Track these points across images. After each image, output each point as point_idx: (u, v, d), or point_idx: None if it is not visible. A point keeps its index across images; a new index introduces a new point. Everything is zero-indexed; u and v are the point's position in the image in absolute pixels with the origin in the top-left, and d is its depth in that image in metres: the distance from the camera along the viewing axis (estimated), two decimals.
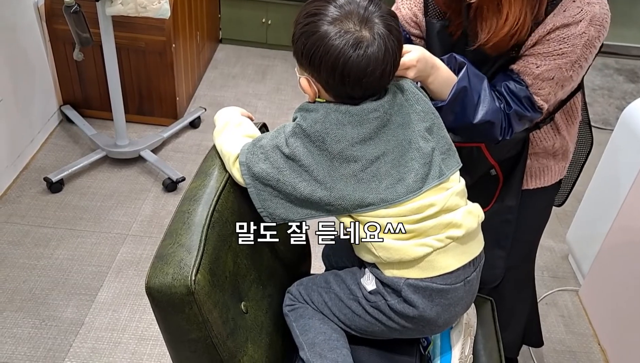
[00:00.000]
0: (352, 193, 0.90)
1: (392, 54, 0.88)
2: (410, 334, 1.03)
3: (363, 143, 0.90)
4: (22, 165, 2.35)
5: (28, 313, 1.77)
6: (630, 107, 1.86)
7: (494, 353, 1.20)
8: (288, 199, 0.93)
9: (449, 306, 0.96)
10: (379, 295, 0.96)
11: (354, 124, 0.90)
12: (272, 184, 0.92)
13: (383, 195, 0.90)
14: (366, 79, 0.87)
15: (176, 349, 0.92)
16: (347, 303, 1.00)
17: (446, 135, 0.99)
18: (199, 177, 1.00)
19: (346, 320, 1.01)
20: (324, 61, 0.86)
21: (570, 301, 2.01)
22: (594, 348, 1.85)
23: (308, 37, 0.88)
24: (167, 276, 0.82)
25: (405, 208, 0.91)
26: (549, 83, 1.05)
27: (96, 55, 2.48)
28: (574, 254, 2.12)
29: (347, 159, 0.90)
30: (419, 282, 0.93)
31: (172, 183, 2.31)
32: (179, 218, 0.91)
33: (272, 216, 0.95)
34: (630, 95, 3.36)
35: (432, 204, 0.92)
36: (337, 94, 0.91)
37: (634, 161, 1.73)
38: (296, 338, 1.03)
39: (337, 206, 0.91)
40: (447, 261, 0.93)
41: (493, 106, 1.06)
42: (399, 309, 0.95)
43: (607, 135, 1.98)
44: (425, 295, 0.93)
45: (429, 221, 0.92)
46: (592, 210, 2.01)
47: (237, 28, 3.44)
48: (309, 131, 0.90)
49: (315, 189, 0.90)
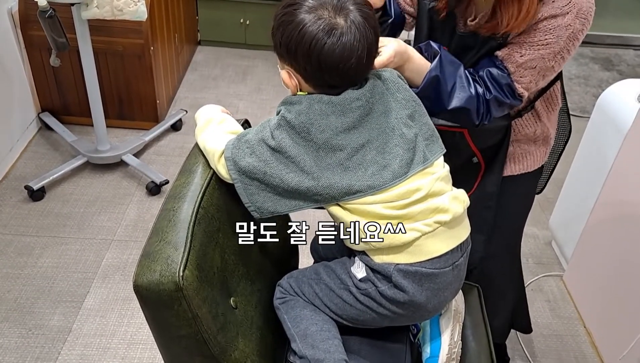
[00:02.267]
0: (339, 181, 0.91)
1: (367, 42, 0.89)
2: (401, 321, 1.04)
3: (347, 131, 0.91)
4: (2, 174, 2.32)
5: (14, 323, 1.75)
6: (605, 94, 1.89)
7: (482, 338, 1.21)
8: (275, 192, 0.93)
9: (438, 291, 0.98)
10: (369, 282, 0.97)
11: (337, 114, 0.91)
12: (259, 177, 0.92)
13: (370, 182, 0.91)
14: (342, 66, 0.88)
15: (167, 347, 0.91)
16: (338, 292, 1.01)
17: (428, 121, 1.00)
18: (183, 175, 1.00)
19: (337, 310, 1.02)
20: (299, 47, 0.88)
21: (555, 286, 2.05)
22: (580, 331, 1.88)
23: (285, 27, 0.90)
24: (154, 274, 0.82)
25: (392, 193, 0.92)
26: (531, 72, 1.07)
27: (73, 60, 2.45)
28: (557, 240, 2.16)
29: (332, 148, 0.91)
30: (409, 267, 0.94)
31: (156, 186, 2.30)
32: (164, 215, 0.91)
33: (260, 210, 0.95)
34: (606, 83, 3.42)
35: (418, 188, 0.93)
36: (316, 83, 0.93)
37: (611, 147, 1.77)
38: (288, 331, 1.04)
39: (324, 196, 0.92)
40: (435, 245, 0.95)
41: (467, 93, 1.07)
42: (390, 295, 0.96)
43: (585, 122, 2.02)
44: (415, 280, 0.95)
45: (416, 206, 0.93)
46: (572, 196, 2.04)
47: (215, 29, 3.43)
48: (294, 123, 0.91)
49: (303, 179, 0.91)
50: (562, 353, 1.80)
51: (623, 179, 1.70)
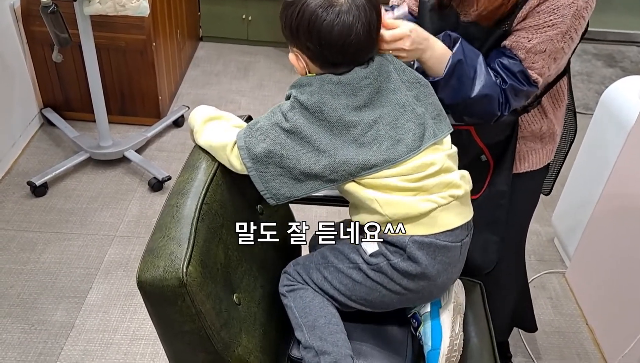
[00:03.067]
0: (355, 156, 0.92)
1: (367, 19, 0.91)
2: (409, 299, 1.04)
3: (359, 109, 0.93)
4: (4, 170, 2.32)
5: (17, 319, 1.75)
6: (608, 91, 1.89)
7: (485, 335, 1.21)
8: (291, 176, 0.94)
9: (448, 266, 0.99)
10: (381, 256, 0.98)
11: (348, 94, 0.93)
12: (275, 161, 0.93)
13: (385, 155, 0.93)
14: (342, 42, 0.90)
15: (170, 342, 0.91)
16: (347, 272, 1.01)
17: (435, 101, 1.02)
18: (187, 171, 1.00)
19: (347, 291, 1.02)
20: (300, 26, 0.91)
21: (558, 283, 2.04)
22: (582, 328, 1.88)
23: (288, 8, 0.93)
24: (158, 269, 0.82)
25: (407, 166, 0.94)
26: (542, 56, 1.06)
27: (75, 56, 2.45)
28: (560, 237, 2.16)
29: (346, 125, 0.92)
30: (424, 238, 0.96)
31: (158, 183, 2.30)
32: (167, 211, 0.91)
33: (277, 196, 0.95)
34: (609, 79, 3.41)
35: (432, 162, 0.96)
36: (322, 63, 0.94)
37: (615, 143, 1.76)
38: (294, 320, 1.04)
39: (341, 172, 0.93)
40: (449, 218, 0.97)
41: (490, 79, 1.07)
42: (402, 267, 0.97)
43: (588, 119, 2.01)
44: (429, 252, 0.96)
45: (430, 180, 0.95)
46: (575, 193, 2.04)
47: (217, 25, 3.42)
48: (307, 104, 0.92)
49: (319, 158, 0.92)
50: (564, 350, 1.80)
51: (626, 176, 1.70)
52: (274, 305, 1.11)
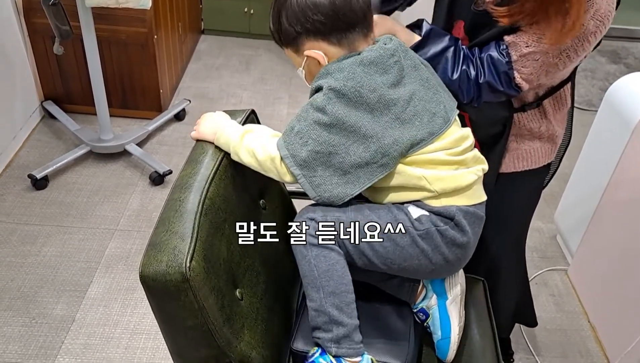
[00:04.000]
0: (401, 134, 0.93)
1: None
2: (441, 271, 1.04)
3: (394, 87, 0.94)
4: (5, 163, 2.31)
5: (17, 312, 1.75)
6: (613, 87, 1.87)
7: (487, 332, 1.21)
8: (342, 172, 0.92)
9: (477, 237, 1.03)
10: (429, 223, 0.97)
11: (380, 72, 0.94)
12: (323, 161, 0.92)
13: (429, 128, 0.95)
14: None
15: (173, 337, 0.91)
16: (392, 236, 0.95)
17: (439, 79, 1.07)
18: (190, 165, 0.99)
19: (385, 253, 0.96)
20: (305, 5, 0.92)
21: (560, 281, 2.04)
22: (584, 326, 1.87)
23: (284, 5, 0.96)
24: (161, 264, 0.81)
25: (449, 139, 0.98)
26: (533, 64, 1.05)
27: (77, 48, 2.43)
28: (562, 234, 2.15)
29: (386, 104, 0.93)
30: (469, 208, 0.99)
31: (159, 176, 2.29)
32: (170, 206, 0.90)
33: (330, 199, 0.94)
34: (613, 76, 3.40)
35: (467, 135, 1.02)
36: (339, 35, 0.94)
37: (619, 140, 1.75)
38: (313, 278, 0.95)
39: (392, 154, 0.93)
40: (481, 191, 1.04)
41: (445, 77, 1.09)
42: (451, 235, 0.98)
43: (592, 116, 2.00)
44: (471, 222, 1.00)
45: (469, 153, 1.01)
46: (578, 190, 2.03)
47: (219, 18, 3.40)
48: (345, 90, 0.91)
49: (368, 144, 0.92)
50: (566, 347, 1.80)
51: (630, 173, 1.69)
52: (276, 300, 1.10)
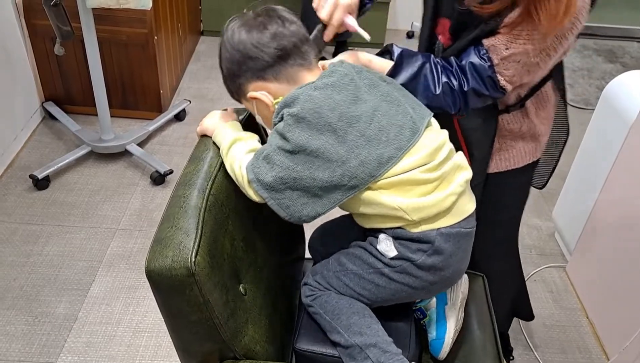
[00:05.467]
0: (368, 154, 0.89)
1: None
2: (434, 290, 1.04)
3: (354, 103, 0.92)
4: (6, 163, 2.32)
5: (20, 311, 1.76)
6: (610, 86, 1.89)
7: (487, 327, 1.22)
8: (311, 194, 0.90)
9: (466, 252, 1.00)
10: (401, 259, 0.95)
11: (337, 91, 0.92)
12: (289, 185, 0.90)
13: (396, 144, 0.91)
14: (285, 28, 0.95)
15: (177, 332, 0.92)
16: (369, 278, 0.99)
17: (407, 92, 1.03)
18: (193, 162, 1.00)
19: (371, 296, 1.00)
20: (249, 49, 0.93)
21: (558, 277, 2.06)
22: (583, 322, 1.89)
23: (228, 59, 0.96)
24: (166, 259, 0.82)
25: (422, 154, 0.92)
26: (515, 65, 1.04)
27: (77, 50, 2.45)
28: (560, 231, 2.17)
29: (349, 121, 0.90)
30: (450, 229, 0.95)
31: (160, 176, 2.30)
32: (175, 202, 0.92)
33: (301, 218, 0.92)
34: (610, 75, 3.42)
35: (444, 143, 0.97)
36: (272, 73, 0.94)
37: (616, 139, 1.77)
38: (327, 325, 1.02)
39: (360, 175, 0.89)
40: (466, 204, 0.98)
41: (430, 93, 1.06)
42: (428, 263, 0.95)
43: (589, 115, 2.02)
44: (455, 242, 0.95)
45: (448, 164, 0.95)
46: (576, 188, 2.05)
47: (218, 19, 3.41)
48: (303, 113, 0.89)
49: (334, 168, 0.89)
50: (564, 343, 1.81)
51: (627, 171, 1.71)
52: (279, 296, 1.12)
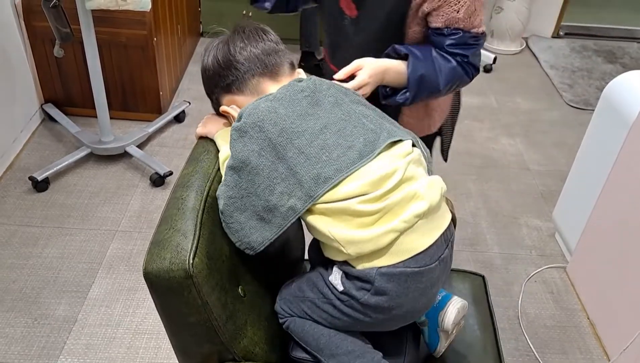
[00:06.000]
0: (306, 172, 0.86)
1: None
2: (396, 322, 0.98)
3: (302, 118, 0.90)
4: (6, 165, 2.32)
5: (20, 313, 1.76)
6: (610, 86, 1.89)
7: (487, 328, 1.22)
8: (257, 217, 0.89)
9: (425, 290, 0.91)
10: (348, 295, 0.91)
11: (286, 105, 0.91)
12: (237, 206, 0.90)
13: (336, 165, 0.86)
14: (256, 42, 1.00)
15: (176, 334, 0.92)
16: (323, 307, 0.95)
17: (384, 116, 1.02)
18: (191, 164, 1.00)
19: (328, 324, 0.97)
20: (228, 60, 1.00)
21: (559, 278, 2.05)
22: (583, 323, 1.88)
23: (209, 69, 1.05)
24: (164, 261, 0.82)
25: (364, 181, 0.86)
26: (475, 14, 1.13)
27: (77, 51, 2.44)
28: (561, 232, 2.16)
29: (289, 138, 0.88)
30: (392, 269, 0.87)
31: (160, 178, 2.30)
32: (172, 204, 0.91)
33: (250, 244, 0.91)
34: (610, 75, 3.41)
35: (394, 171, 0.88)
36: (237, 86, 0.99)
37: (616, 138, 1.77)
38: (307, 349, 1.01)
39: (298, 195, 0.87)
40: (417, 241, 0.88)
41: (449, 66, 1.14)
42: (373, 303, 0.89)
43: (588, 115, 2.01)
44: (401, 282, 0.87)
45: (394, 195, 0.87)
46: (576, 188, 2.04)
47: (218, 21, 3.40)
48: (245, 126, 0.90)
49: (274, 186, 0.88)
50: (565, 344, 1.81)
51: (628, 171, 1.70)
52: None
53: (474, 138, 2.83)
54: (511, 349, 1.77)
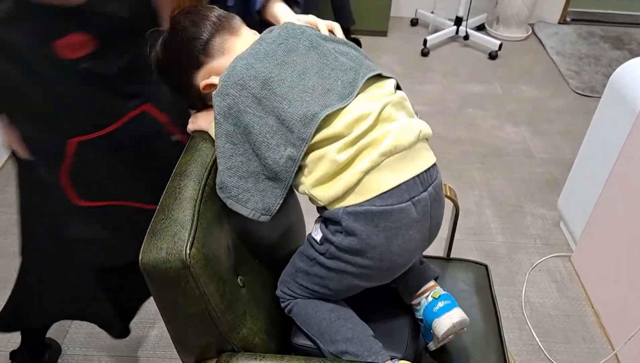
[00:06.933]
0: (292, 116, 0.87)
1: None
2: (381, 275, 0.95)
3: (279, 67, 0.90)
4: (7, 154, 2.31)
5: None
6: (617, 73, 1.86)
7: (491, 319, 1.21)
8: (263, 177, 0.90)
9: (399, 230, 0.88)
10: (326, 242, 0.92)
11: (262, 59, 0.90)
12: (239, 174, 0.89)
13: (320, 102, 0.88)
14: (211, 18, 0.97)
15: (174, 325, 0.91)
16: (312, 271, 0.97)
17: (362, 56, 1.00)
18: (189, 152, 0.99)
19: (322, 289, 0.98)
20: (190, 43, 0.96)
21: (563, 267, 2.03)
22: (588, 312, 1.87)
23: (171, 65, 0.98)
24: (161, 251, 0.81)
25: (341, 123, 0.88)
26: None
27: None
28: (566, 221, 2.14)
29: (271, 87, 0.88)
30: (357, 208, 0.87)
31: None
32: (170, 193, 0.90)
33: (265, 208, 0.90)
34: (617, 62, 3.37)
35: (369, 113, 0.89)
36: (205, 54, 0.96)
37: (622, 126, 1.74)
38: (308, 334, 1.01)
39: (292, 141, 0.87)
40: (382, 179, 0.87)
41: None
42: (346, 245, 0.89)
43: (595, 103, 1.99)
44: (368, 221, 0.87)
45: (367, 137, 0.88)
46: (582, 177, 2.02)
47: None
48: (226, 88, 0.88)
49: (268, 140, 0.88)
50: (569, 333, 1.80)
51: (634, 160, 1.68)
52: None
53: (479, 126, 2.80)
54: (515, 338, 1.77)
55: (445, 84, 3.17)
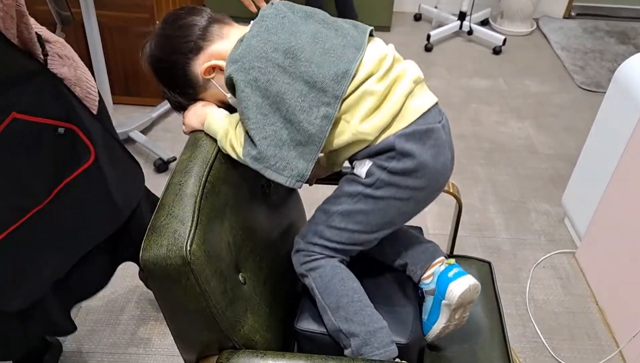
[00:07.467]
0: (324, 77, 0.92)
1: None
2: (424, 198, 1.01)
3: (293, 35, 0.94)
4: None
5: None
6: (622, 68, 1.84)
7: (494, 315, 1.20)
8: (296, 142, 0.92)
9: (440, 148, 0.98)
10: (376, 170, 0.96)
11: (273, 32, 0.94)
12: (275, 143, 0.91)
13: (345, 59, 0.94)
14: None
15: (175, 322, 0.90)
16: (356, 208, 0.98)
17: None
18: (189, 149, 0.98)
19: (366, 228, 0.99)
20: (189, 29, 0.99)
21: (568, 264, 2.02)
22: (593, 308, 1.86)
23: (164, 63, 1.02)
24: (161, 248, 0.80)
25: (372, 63, 0.96)
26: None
27: (78, 35, 2.42)
28: (570, 217, 2.13)
29: (294, 54, 0.92)
30: (406, 130, 0.95)
31: (164, 163, 2.28)
32: (170, 190, 0.89)
33: (300, 173, 0.93)
34: (622, 57, 3.34)
35: (385, 54, 0.99)
36: (203, 39, 0.99)
37: (628, 121, 1.72)
38: (318, 302, 1.01)
39: (326, 100, 0.92)
40: (417, 102, 0.98)
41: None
42: (400, 168, 0.95)
43: (600, 98, 1.97)
44: (417, 140, 0.95)
45: (392, 73, 0.97)
46: (586, 173, 2.00)
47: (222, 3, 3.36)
48: (250, 62, 0.91)
49: (301, 103, 0.91)
50: (573, 330, 1.78)
51: (639, 155, 1.66)
52: (280, 284, 1.09)
53: (482, 121, 2.78)
54: (518, 335, 1.76)
55: (449, 79, 3.15)
